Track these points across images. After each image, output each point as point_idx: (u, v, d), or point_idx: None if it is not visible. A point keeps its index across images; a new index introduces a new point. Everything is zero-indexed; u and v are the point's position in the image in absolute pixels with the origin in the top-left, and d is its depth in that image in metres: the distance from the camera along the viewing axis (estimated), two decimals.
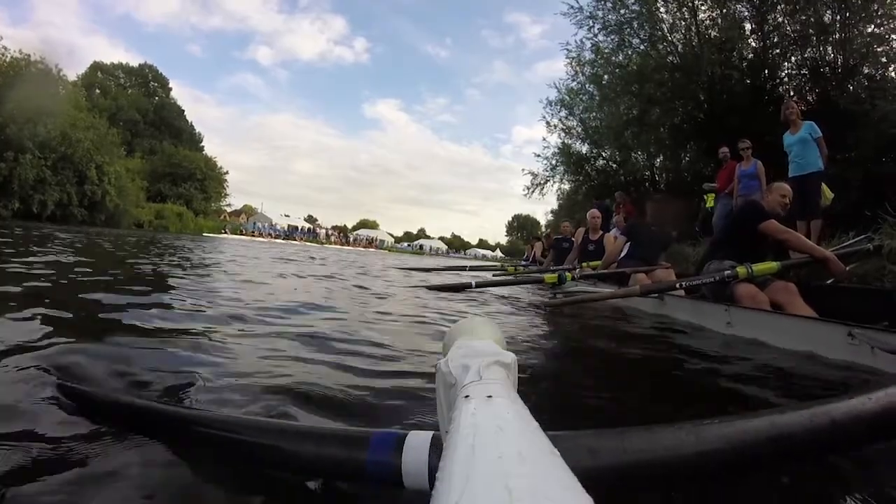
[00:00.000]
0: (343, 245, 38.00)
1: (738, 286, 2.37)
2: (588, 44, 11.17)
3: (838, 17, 8.04)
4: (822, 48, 8.39)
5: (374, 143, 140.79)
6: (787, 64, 9.12)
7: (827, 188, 4.53)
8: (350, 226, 68.45)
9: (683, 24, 9.87)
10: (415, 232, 77.89)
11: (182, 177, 32.91)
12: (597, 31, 10.59)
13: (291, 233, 40.12)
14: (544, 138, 16.90)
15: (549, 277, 3.53)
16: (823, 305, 2.22)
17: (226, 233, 30.66)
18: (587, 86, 12.70)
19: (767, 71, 9.07)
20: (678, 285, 2.62)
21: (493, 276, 5.83)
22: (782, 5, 8.57)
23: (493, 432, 0.26)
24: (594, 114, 12.96)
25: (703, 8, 9.53)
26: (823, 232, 4.49)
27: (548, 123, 14.20)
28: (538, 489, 0.20)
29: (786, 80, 9.21)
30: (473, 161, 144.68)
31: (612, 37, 10.51)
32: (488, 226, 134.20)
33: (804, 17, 8.34)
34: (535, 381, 1.19)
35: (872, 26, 7.92)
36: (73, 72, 28.02)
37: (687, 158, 10.96)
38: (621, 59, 10.77)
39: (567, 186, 15.09)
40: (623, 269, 3.65)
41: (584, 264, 4.59)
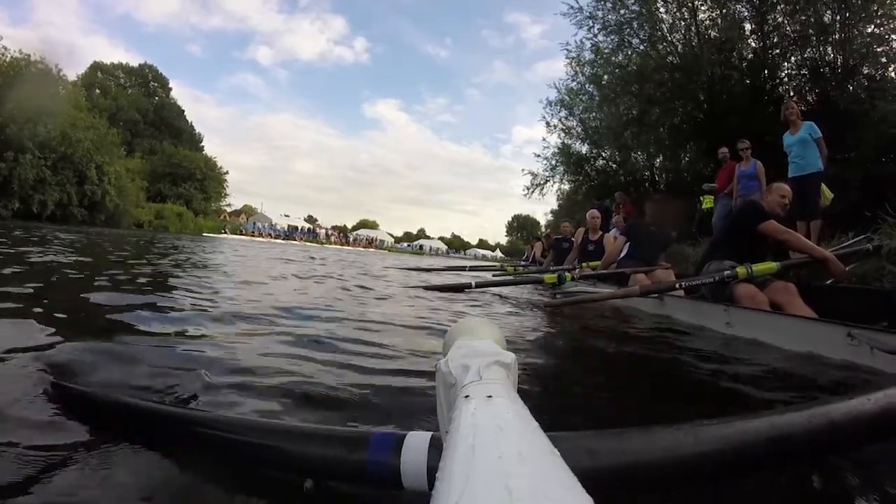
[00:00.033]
0: (343, 245, 38.00)
1: (738, 286, 2.37)
2: (588, 44, 11.20)
3: (838, 18, 8.04)
4: (821, 48, 8.40)
5: (374, 143, 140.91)
6: (786, 64, 9.14)
7: (826, 188, 4.53)
8: (350, 226, 68.48)
9: (683, 24, 9.88)
10: (415, 232, 77.94)
11: (182, 177, 32.92)
12: (597, 32, 10.62)
13: (291, 233, 40.11)
14: (544, 138, 16.90)
15: (549, 278, 3.54)
16: (823, 306, 2.23)
17: (225, 233, 30.64)
18: (587, 86, 12.72)
19: (767, 71, 9.08)
20: (678, 285, 2.63)
21: (493, 276, 5.84)
22: (782, 5, 8.58)
23: (493, 432, 0.26)
24: (594, 114, 12.98)
25: (702, 8, 9.54)
26: (823, 232, 4.49)
27: (548, 124, 14.24)
28: (538, 489, 0.20)
29: (786, 80, 9.22)
30: (473, 161, 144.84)
31: (612, 37, 10.53)
32: (488, 226, 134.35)
33: (804, 18, 8.35)
34: (535, 382, 1.19)
35: (872, 26, 7.93)
36: (73, 72, 28.08)
37: (687, 159, 10.96)
38: (621, 59, 10.78)
39: (567, 187, 15.12)
40: (623, 270, 3.65)
41: (584, 264, 4.59)
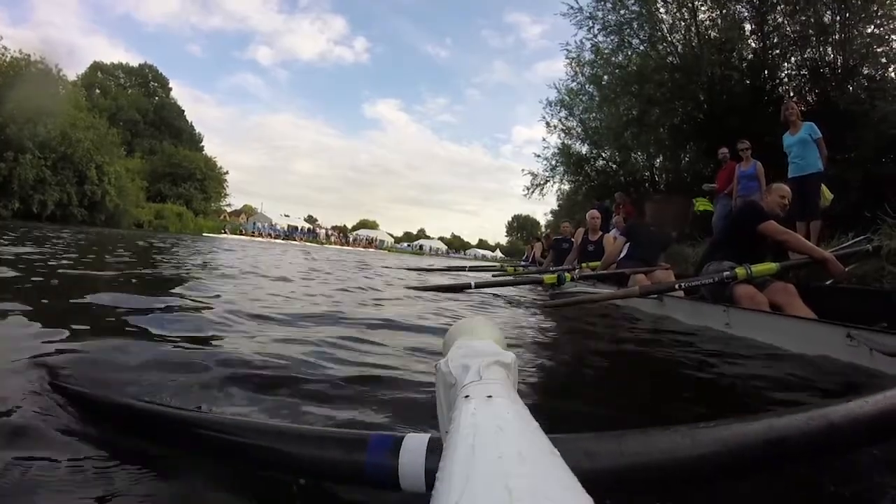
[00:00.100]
0: (343, 245, 38.01)
1: (737, 287, 2.37)
2: (588, 44, 11.16)
3: (838, 18, 8.03)
4: (821, 49, 8.39)
5: (374, 143, 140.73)
6: (786, 64, 9.12)
7: (826, 189, 4.53)
8: (350, 226, 68.44)
9: (683, 24, 9.87)
10: (415, 232, 77.91)
11: (182, 177, 32.92)
12: (596, 32, 10.59)
13: (291, 233, 40.10)
14: (544, 139, 16.87)
15: (549, 278, 3.54)
16: (822, 306, 2.23)
17: (225, 233, 30.65)
18: (587, 86, 12.70)
19: (767, 71, 9.07)
20: (677, 286, 2.62)
21: (493, 276, 5.84)
22: (782, 6, 8.57)
23: (493, 432, 0.26)
24: (594, 114, 12.96)
25: (702, 8, 9.52)
26: (822, 233, 4.49)
27: (547, 124, 14.21)
28: (538, 489, 0.20)
29: (785, 80, 9.21)
30: (473, 161, 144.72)
31: (612, 37, 10.50)
32: (488, 226, 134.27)
33: (804, 18, 8.34)
34: (535, 382, 1.19)
35: (872, 27, 7.92)
36: (73, 72, 28.16)
37: (686, 159, 10.95)
38: (621, 59, 10.76)
39: (567, 187, 15.08)
40: (622, 270, 3.65)
41: (584, 265, 4.59)
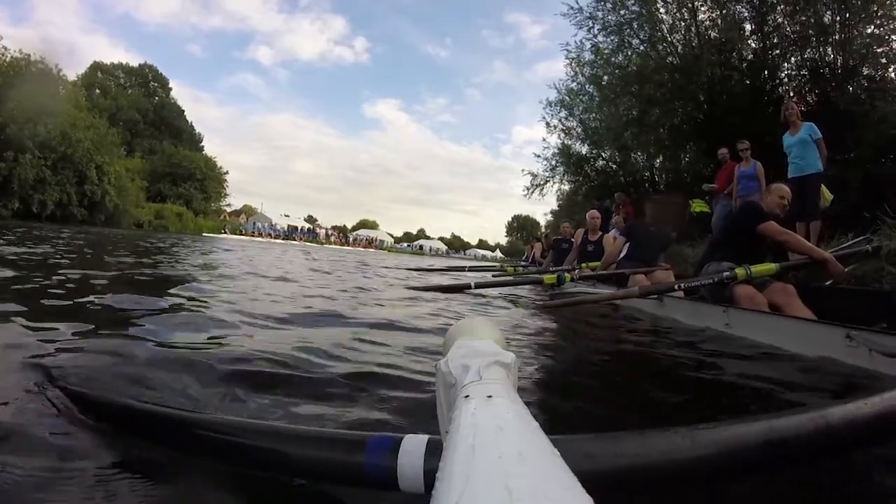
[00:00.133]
0: (343, 245, 38.02)
1: (737, 287, 2.37)
2: (588, 44, 11.15)
3: (838, 18, 8.03)
4: (821, 49, 8.39)
5: (374, 143, 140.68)
6: (786, 65, 9.12)
7: (826, 190, 4.52)
8: (350, 226, 68.43)
9: (683, 24, 9.87)
10: (414, 232, 77.89)
11: (182, 177, 32.90)
12: (596, 32, 10.59)
13: (291, 233, 40.11)
14: (544, 139, 16.85)
15: (549, 278, 3.54)
16: (822, 307, 2.22)
17: (225, 233, 30.65)
18: (587, 86, 12.70)
19: (767, 72, 9.07)
20: (677, 286, 2.62)
21: (493, 276, 5.84)
22: (782, 6, 8.57)
23: (493, 432, 0.26)
24: (594, 114, 12.96)
25: (702, 9, 9.52)
26: (822, 233, 4.49)
27: (547, 124, 14.21)
28: (538, 489, 0.20)
29: (785, 80, 9.21)
30: (473, 161, 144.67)
31: (612, 37, 10.50)
32: (488, 226, 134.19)
33: (804, 18, 8.34)
34: (534, 382, 1.19)
35: (872, 27, 7.92)
36: (73, 71, 28.15)
37: (686, 159, 10.94)
38: (621, 59, 10.76)
39: (567, 187, 15.08)
40: (622, 271, 3.65)
41: (584, 265, 4.59)
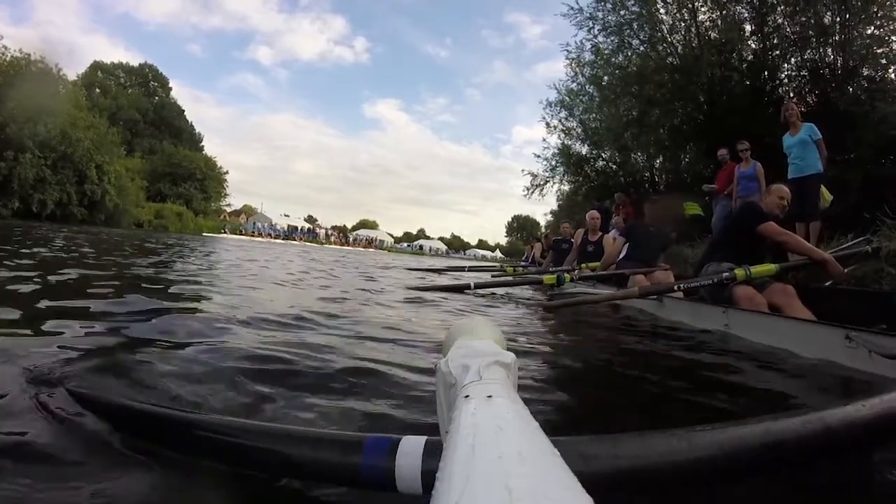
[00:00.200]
0: (342, 245, 38.03)
1: (737, 288, 2.37)
2: (588, 45, 11.16)
3: (838, 19, 8.04)
4: (821, 50, 8.39)
5: (374, 143, 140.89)
6: (786, 65, 9.13)
7: (826, 190, 4.52)
8: (350, 226, 68.43)
9: (683, 25, 9.88)
10: (414, 232, 77.92)
11: (182, 177, 32.90)
12: (597, 33, 10.60)
13: (291, 233, 40.10)
14: (544, 139, 16.90)
15: (548, 278, 3.54)
16: (821, 308, 2.23)
17: (225, 233, 30.64)
18: (587, 87, 12.72)
19: (767, 72, 9.07)
20: (676, 287, 2.62)
21: (493, 276, 5.85)
22: (782, 7, 8.57)
23: (493, 432, 0.26)
24: (594, 115, 12.97)
25: (702, 9, 9.53)
26: (822, 234, 4.49)
27: (547, 124, 14.23)
28: (538, 489, 0.20)
29: (785, 81, 9.22)
30: (473, 161, 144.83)
31: (612, 38, 10.50)
32: (488, 226, 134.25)
33: (804, 19, 8.34)
34: (534, 382, 1.19)
35: (872, 28, 7.93)
36: (73, 71, 28.17)
37: (686, 160, 10.95)
38: (621, 60, 10.76)
39: (567, 187, 15.10)
40: (622, 271, 3.65)
41: (583, 265, 4.59)
